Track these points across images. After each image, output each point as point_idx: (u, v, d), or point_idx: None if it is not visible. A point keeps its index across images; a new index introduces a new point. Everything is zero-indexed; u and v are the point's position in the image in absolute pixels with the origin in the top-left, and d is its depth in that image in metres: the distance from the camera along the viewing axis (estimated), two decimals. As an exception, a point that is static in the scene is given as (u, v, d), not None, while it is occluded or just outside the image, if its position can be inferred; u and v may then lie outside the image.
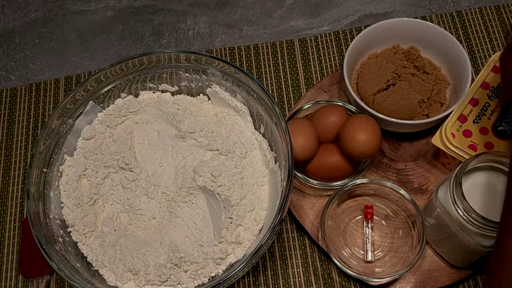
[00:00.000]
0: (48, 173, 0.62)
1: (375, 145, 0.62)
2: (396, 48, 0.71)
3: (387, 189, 0.65)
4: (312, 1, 0.86)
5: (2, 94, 0.82)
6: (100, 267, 0.59)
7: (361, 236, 0.66)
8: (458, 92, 0.67)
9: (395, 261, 0.64)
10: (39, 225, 0.57)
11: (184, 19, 0.86)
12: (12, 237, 0.72)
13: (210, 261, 0.59)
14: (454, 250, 0.60)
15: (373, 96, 0.68)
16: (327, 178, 0.65)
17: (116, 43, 0.85)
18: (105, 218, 0.63)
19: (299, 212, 0.68)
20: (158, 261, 0.58)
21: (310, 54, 0.81)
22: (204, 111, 0.68)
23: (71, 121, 0.64)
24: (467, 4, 0.83)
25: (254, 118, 0.66)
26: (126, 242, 0.60)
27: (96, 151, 0.64)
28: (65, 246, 0.59)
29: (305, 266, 0.67)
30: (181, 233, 0.62)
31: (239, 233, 0.60)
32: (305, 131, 0.64)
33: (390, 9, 0.84)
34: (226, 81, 0.66)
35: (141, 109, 0.67)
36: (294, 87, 0.78)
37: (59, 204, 0.62)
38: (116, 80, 0.66)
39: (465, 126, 0.62)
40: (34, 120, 0.80)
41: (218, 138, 0.65)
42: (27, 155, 0.77)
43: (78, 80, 0.82)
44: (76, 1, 0.89)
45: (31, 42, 0.87)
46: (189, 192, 0.63)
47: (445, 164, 0.68)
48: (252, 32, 0.84)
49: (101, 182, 0.64)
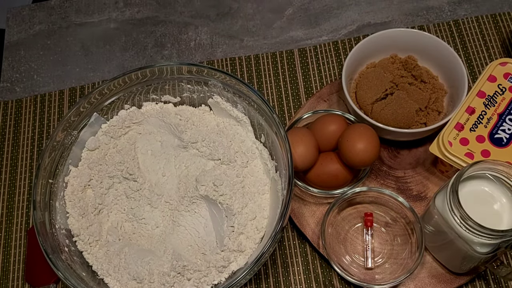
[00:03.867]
0: (53, 184, 0.63)
1: (373, 154, 0.63)
2: (394, 57, 0.73)
3: (386, 196, 0.66)
4: (311, 11, 0.87)
5: (8, 106, 0.84)
6: (105, 275, 0.60)
7: (361, 243, 0.67)
8: (455, 101, 0.68)
9: (395, 267, 0.65)
10: (45, 235, 0.59)
11: (185, 30, 0.88)
12: (18, 246, 0.73)
13: (213, 269, 0.60)
14: (452, 257, 0.61)
15: (371, 105, 0.69)
16: (327, 186, 0.66)
17: (119, 54, 0.87)
18: (110, 227, 0.64)
19: (300, 220, 0.69)
20: (162, 269, 0.60)
21: (310, 63, 0.82)
22: (206, 121, 0.69)
23: (76, 133, 0.66)
24: (464, 13, 0.84)
25: (255, 127, 0.68)
26: (130, 251, 0.61)
27: (101, 161, 0.66)
28: (71, 255, 0.60)
29: (306, 273, 0.68)
30: (184, 242, 0.63)
31: (241, 241, 0.61)
32: (305, 140, 0.65)
33: (388, 19, 0.85)
34: (227, 92, 0.67)
35: (144, 120, 0.69)
36: (294, 96, 0.80)
37: (65, 214, 0.63)
38: (120, 92, 0.67)
39: (462, 135, 0.63)
40: (39, 131, 0.81)
41: (220, 148, 0.66)
42: (32, 165, 0.79)
43: (82, 91, 0.84)
44: (80, 14, 0.91)
45: (35, 54, 0.88)
46: (192, 201, 0.64)
47: (443, 172, 0.69)
48: (253, 43, 0.86)
49: (106, 192, 0.65)
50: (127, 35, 0.88)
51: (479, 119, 0.64)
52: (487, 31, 0.82)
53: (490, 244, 0.54)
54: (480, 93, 0.65)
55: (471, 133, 0.63)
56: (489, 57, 0.80)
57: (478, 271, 0.64)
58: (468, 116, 0.64)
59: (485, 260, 0.58)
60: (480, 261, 0.59)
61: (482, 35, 0.82)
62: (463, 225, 0.54)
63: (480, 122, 0.64)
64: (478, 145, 0.63)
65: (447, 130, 0.63)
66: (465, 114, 0.64)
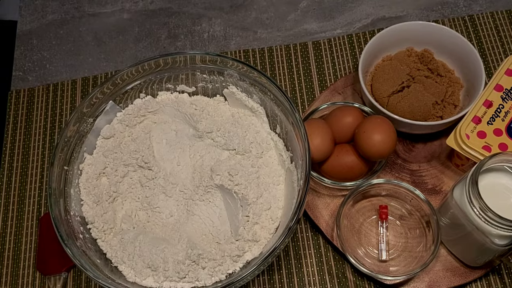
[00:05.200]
0: (68, 171, 0.63)
1: (390, 146, 0.63)
2: (410, 50, 0.73)
3: (402, 189, 0.66)
4: (325, 4, 0.87)
5: (20, 95, 0.83)
6: (120, 263, 0.60)
7: (376, 236, 0.67)
8: (472, 94, 0.68)
9: (409, 260, 0.65)
10: (60, 222, 0.58)
11: (199, 22, 0.87)
12: (30, 235, 0.73)
13: (228, 258, 0.60)
14: (468, 250, 0.61)
15: (387, 98, 0.69)
16: (343, 178, 0.66)
17: (132, 45, 0.87)
18: (124, 215, 0.64)
19: (314, 212, 0.69)
20: (176, 257, 0.59)
21: (324, 56, 0.82)
22: (221, 111, 0.69)
23: (91, 120, 0.65)
24: (479, 9, 0.84)
25: (270, 118, 0.67)
26: (144, 239, 0.61)
27: (116, 149, 0.65)
28: (85, 242, 0.60)
29: (319, 265, 0.68)
30: (199, 231, 0.63)
31: (256, 231, 0.61)
32: (321, 132, 0.65)
33: (403, 13, 0.85)
34: (243, 82, 0.67)
35: (160, 109, 0.68)
36: (308, 89, 0.79)
37: (79, 201, 0.63)
38: (134, 81, 0.67)
39: (479, 128, 0.63)
40: (51, 120, 0.81)
41: (235, 138, 0.66)
42: (44, 154, 0.79)
43: (95, 81, 0.84)
44: (93, 4, 0.91)
45: (48, 44, 0.88)
46: (206, 191, 0.64)
47: (458, 166, 0.69)
48: (266, 35, 0.85)
49: (120, 180, 0.65)
50: (140, 26, 0.88)
51: (497, 112, 0.64)
52: (502, 27, 0.82)
53: (508, 236, 0.54)
54: (498, 87, 0.65)
55: (489, 126, 0.63)
56: (504, 52, 0.80)
57: (492, 265, 0.64)
58: (485, 109, 0.64)
59: (500, 253, 0.58)
60: (496, 255, 0.59)
61: (497, 30, 0.81)
62: (482, 216, 0.53)
63: (498, 115, 0.64)
64: (496, 139, 0.62)
65: (464, 123, 0.63)
66: (483, 107, 0.64)
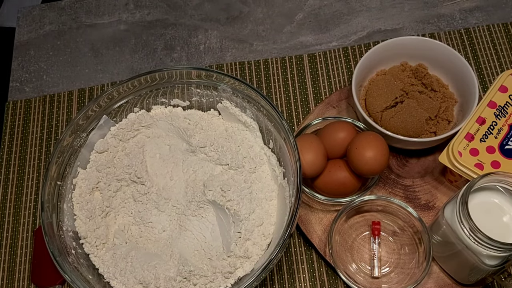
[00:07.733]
0: (62, 186, 0.63)
1: (382, 163, 0.63)
2: (404, 65, 0.72)
3: (394, 205, 0.65)
4: (321, 17, 0.87)
5: (17, 106, 0.84)
6: (111, 279, 0.60)
7: (368, 252, 0.67)
8: (466, 110, 0.68)
9: (401, 277, 0.65)
10: (52, 237, 0.59)
11: (195, 33, 0.88)
12: (24, 247, 0.74)
13: (219, 274, 0.60)
14: (459, 268, 0.61)
15: (381, 113, 0.69)
16: (335, 194, 0.66)
17: (128, 56, 0.87)
18: (117, 230, 0.64)
19: (307, 227, 0.69)
20: (168, 274, 0.59)
21: (319, 69, 0.82)
22: (215, 126, 0.69)
23: (85, 135, 0.66)
24: (475, 22, 0.84)
25: (263, 133, 0.67)
26: (137, 255, 0.61)
27: (109, 164, 0.66)
28: (78, 258, 0.60)
29: (312, 281, 0.68)
30: (191, 246, 0.63)
31: (248, 248, 0.61)
32: (313, 147, 0.65)
33: (399, 26, 0.85)
34: (237, 97, 0.67)
35: (153, 123, 0.69)
36: (303, 102, 0.79)
37: (72, 216, 0.63)
38: (129, 95, 0.67)
39: (472, 145, 0.63)
40: (48, 132, 0.81)
41: (228, 153, 0.66)
42: (40, 166, 0.79)
43: (91, 92, 0.84)
44: (90, 15, 0.91)
45: (45, 55, 0.89)
46: (199, 206, 0.64)
47: (452, 181, 0.69)
48: (262, 47, 0.85)
49: (113, 195, 0.65)
50: (136, 37, 0.88)
51: (490, 129, 0.64)
52: (498, 40, 0.82)
53: (499, 256, 0.54)
54: (491, 104, 0.65)
55: (481, 143, 0.63)
56: (500, 66, 0.80)
57: (485, 283, 0.64)
58: (478, 126, 0.64)
59: (493, 272, 0.58)
60: (488, 273, 0.59)
61: (493, 44, 0.81)
62: (472, 237, 0.53)
63: (491, 132, 0.63)
64: (488, 156, 0.62)
65: (457, 140, 0.63)
66: (476, 124, 0.64)
